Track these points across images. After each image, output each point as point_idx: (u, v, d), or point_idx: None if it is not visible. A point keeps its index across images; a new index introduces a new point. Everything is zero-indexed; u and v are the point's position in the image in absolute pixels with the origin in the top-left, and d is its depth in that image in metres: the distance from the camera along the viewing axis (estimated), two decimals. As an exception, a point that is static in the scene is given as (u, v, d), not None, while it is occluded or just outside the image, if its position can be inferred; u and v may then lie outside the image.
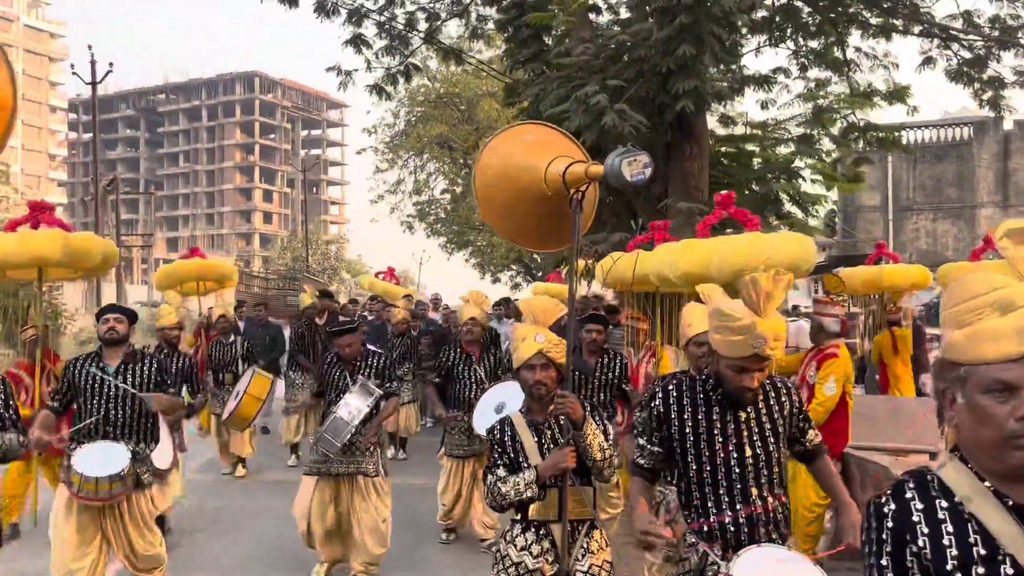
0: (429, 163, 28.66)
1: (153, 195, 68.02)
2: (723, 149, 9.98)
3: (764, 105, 12.08)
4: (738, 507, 2.77)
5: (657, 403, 2.92)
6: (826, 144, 11.01)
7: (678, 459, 2.87)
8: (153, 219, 65.29)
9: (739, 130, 10.30)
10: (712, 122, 10.18)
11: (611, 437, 3.56)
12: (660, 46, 7.22)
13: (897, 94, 11.69)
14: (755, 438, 2.80)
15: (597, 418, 3.43)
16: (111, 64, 23.68)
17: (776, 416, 2.86)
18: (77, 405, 4.86)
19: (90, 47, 23.37)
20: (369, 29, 13.12)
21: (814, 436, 3.02)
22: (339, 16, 12.95)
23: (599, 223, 9.16)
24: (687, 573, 2.87)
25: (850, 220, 24.91)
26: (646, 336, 7.42)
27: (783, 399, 2.90)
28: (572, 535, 3.26)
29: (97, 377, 4.74)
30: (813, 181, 10.32)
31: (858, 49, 12.14)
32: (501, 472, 3.28)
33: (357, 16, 12.88)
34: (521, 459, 3.27)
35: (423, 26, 12.83)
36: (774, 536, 2.79)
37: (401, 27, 12.64)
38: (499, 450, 3.32)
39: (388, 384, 5.58)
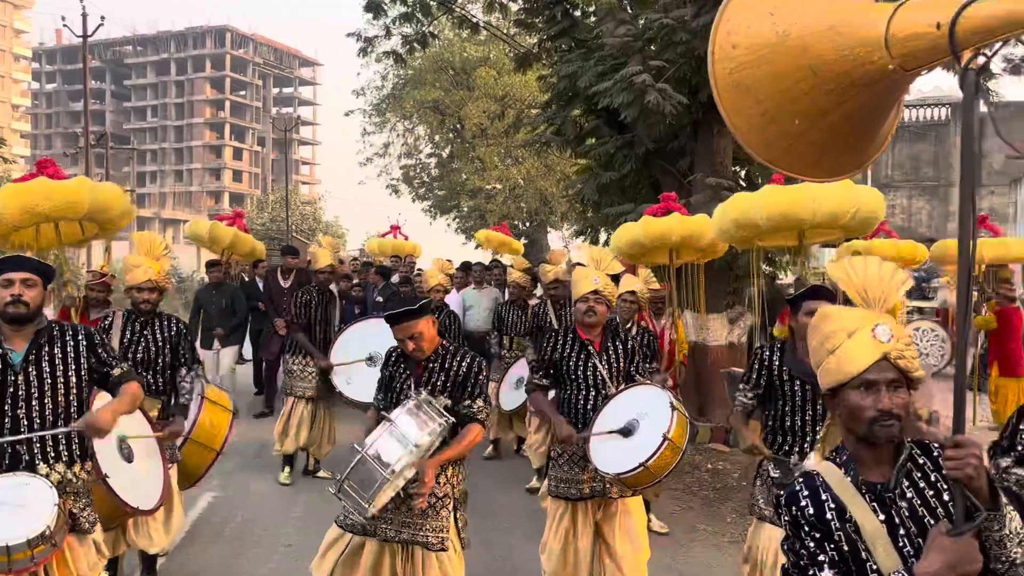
0: (418, 127, 28.85)
1: (136, 150, 66.62)
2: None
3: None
4: None
5: None
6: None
7: None
8: (129, 174, 64.24)
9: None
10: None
11: None
12: (701, 31, 7.68)
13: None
14: None
15: None
16: (103, 17, 23.44)
17: None
18: None
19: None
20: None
21: None
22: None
23: (622, 195, 9.67)
24: None
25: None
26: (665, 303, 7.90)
27: None
28: None
29: None
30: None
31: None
32: None
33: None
34: (863, 554, 1.91)
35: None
36: None
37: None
38: (815, 535, 1.95)
39: (469, 403, 3.69)
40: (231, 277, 10.71)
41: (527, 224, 25.20)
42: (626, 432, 4.02)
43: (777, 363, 3.80)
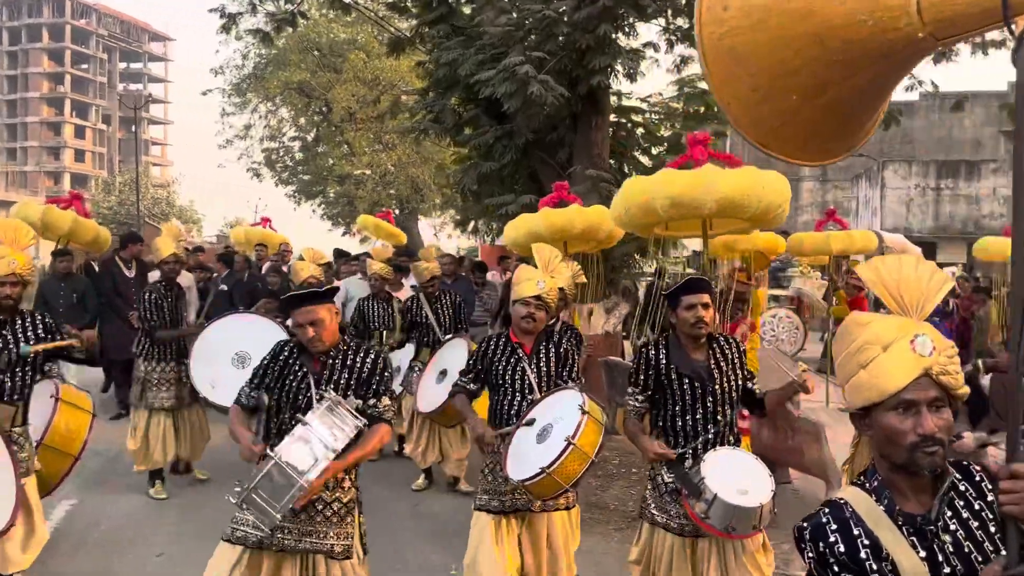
0: (281, 109, 27.83)
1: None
2: (611, 119, 10.70)
3: (632, 78, 12.94)
4: None
5: None
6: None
7: None
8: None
9: (627, 103, 10.99)
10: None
11: None
12: (581, 24, 7.74)
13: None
14: None
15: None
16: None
17: None
18: None
19: None
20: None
21: None
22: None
23: (501, 185, 9.66)
24: None
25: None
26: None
27: None
28: None
29: None
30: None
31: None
32: None
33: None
34: None
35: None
36: None
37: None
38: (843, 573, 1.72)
39: (375, 402, 3.49)
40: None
41: (397, 211, 24.85)
42: (540, 438, 3.79)
43: (664, 361, 3.64)
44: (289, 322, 3.80)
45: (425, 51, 10.67)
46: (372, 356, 3.56)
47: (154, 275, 9.02)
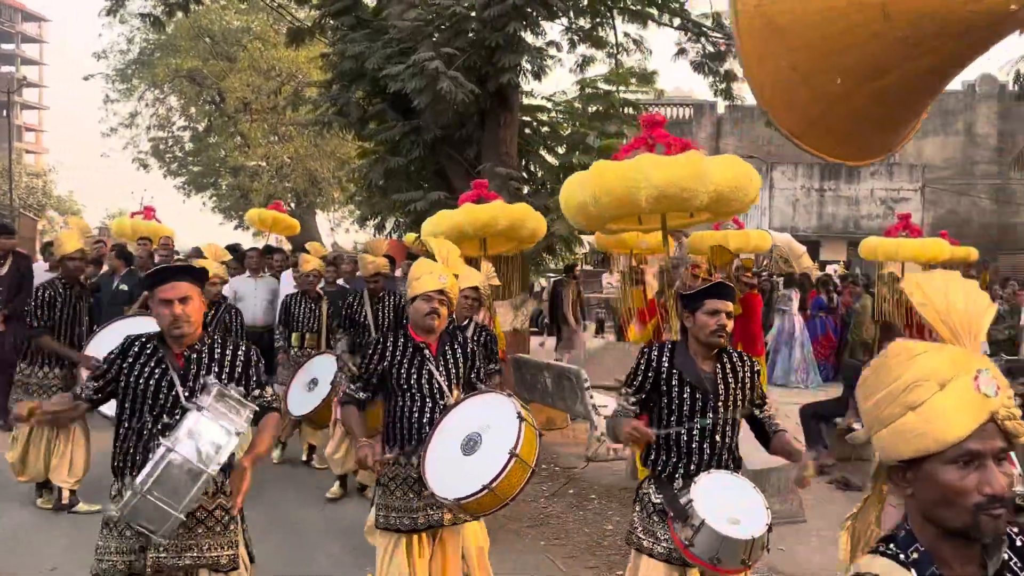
0: (170, 97, 26.71)
1: None
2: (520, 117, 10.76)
3: (537, 76, 13.06)
4: None
5: None
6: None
7: None
8: None
9: (531, 101, 11.06)
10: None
11: None
12: (491, 21, 7.72)
13: (646, 78, 13.21)
14: None
15: None
16: None
17: None
18: None
19: None
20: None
21: None
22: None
23: (408, 180, 9.55)
24: None
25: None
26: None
27: None
28: None
29: None
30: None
31: (626, 34, 13.45)
32: None
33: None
34: None
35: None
36: None
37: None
38: None
39: (260, 392, 3.22)
40: None
41: (293, 205, 24.25)
42: (467, 449, 3.36)
43: (667, 364, 3.34)
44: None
45: (328, 42, 10.44)
46: (244, 347, 3.26)
47: (41, 269, 8.48)
